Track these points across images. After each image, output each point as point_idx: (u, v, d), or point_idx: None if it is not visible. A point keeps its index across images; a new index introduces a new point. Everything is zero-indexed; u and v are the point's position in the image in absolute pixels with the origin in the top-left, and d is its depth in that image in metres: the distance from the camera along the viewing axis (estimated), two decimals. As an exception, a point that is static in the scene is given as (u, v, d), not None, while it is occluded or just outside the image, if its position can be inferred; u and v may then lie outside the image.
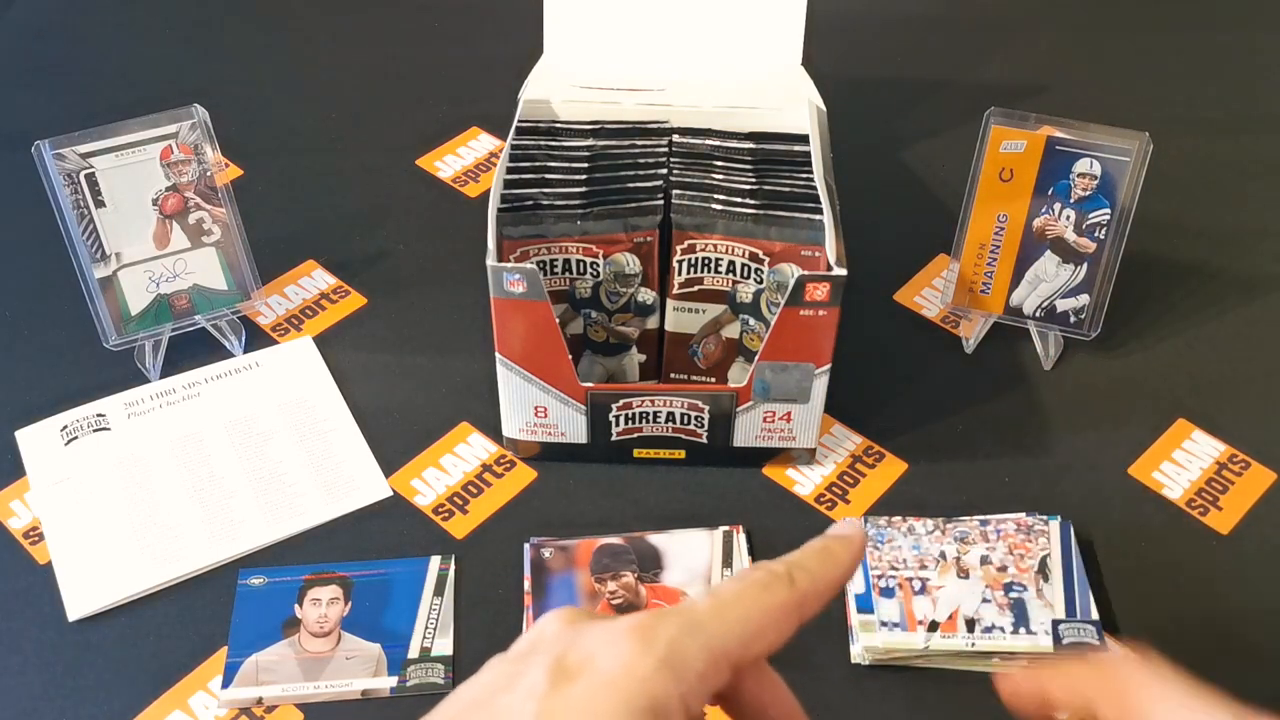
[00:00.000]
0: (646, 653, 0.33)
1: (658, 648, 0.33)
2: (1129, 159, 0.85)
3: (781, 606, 0.35)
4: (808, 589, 0.36)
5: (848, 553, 0.38)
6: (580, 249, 0.83)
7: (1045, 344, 0.93)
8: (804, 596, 0.36)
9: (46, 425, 0.87)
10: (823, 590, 0.37)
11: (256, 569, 0.79)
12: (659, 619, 0.34)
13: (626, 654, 0.33)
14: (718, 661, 0.33)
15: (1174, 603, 0.78)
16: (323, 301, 0.97)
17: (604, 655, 0.33)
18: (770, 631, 0.35)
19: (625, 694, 0.32)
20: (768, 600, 0.35)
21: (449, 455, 0.87)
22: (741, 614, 0.35)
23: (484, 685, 0.34)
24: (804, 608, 0.36)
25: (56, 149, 0.84)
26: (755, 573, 0.36)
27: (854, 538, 0.38)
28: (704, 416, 0.82)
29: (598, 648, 0.33)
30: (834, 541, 0.38)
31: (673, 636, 0.33)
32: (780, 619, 0.35)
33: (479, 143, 1.12)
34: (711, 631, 0.34)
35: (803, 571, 0.36)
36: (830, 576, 0.37)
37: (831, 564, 0.37)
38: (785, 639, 0.36)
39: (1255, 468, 0.86)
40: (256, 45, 1.23)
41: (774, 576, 0.36)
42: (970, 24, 1.27)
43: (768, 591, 0.35)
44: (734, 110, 0.87)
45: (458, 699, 0.34)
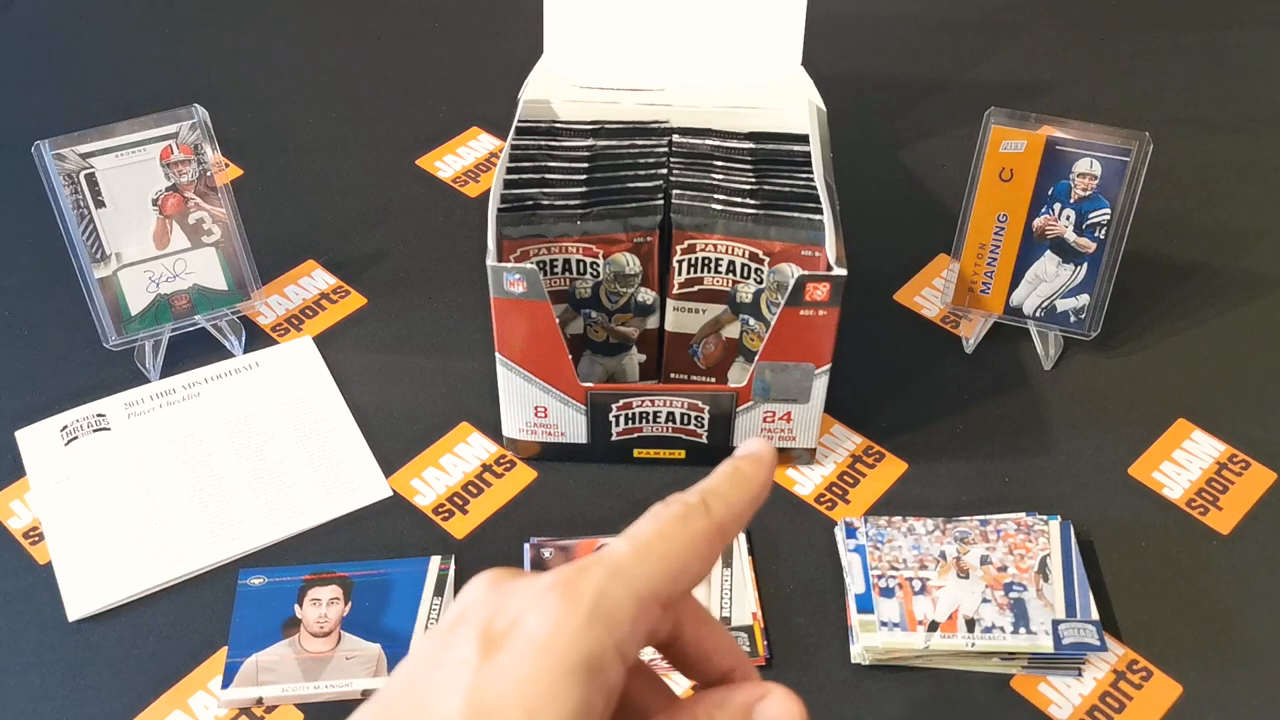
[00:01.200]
0: (574, 608, 0.32)
1: (584, 600, 0.32)
2: (1129, 159, 0.85)
3: (701, 536, 0.35)
4: (724, 514, 0.35)
5: (760, 471, 0.37)
6: (580, 249, 0.83)
7: (1045, 344, 0.93)
8: (721, 522, 0.35)
9: (46, 425, 0.87)
10: (739, 513, 0.36)
11: (256, 569, 0.79)
12: (582, 570, 0.33)
13: (554, 612, 0.32)
14: (647, 604, 0.33)
15: (1174, 603, 0.78)
16: (323, 301, 0.97)
17: (531, 616, 0.32)
18: (694, 563, 0.34)
19: (557, 654, 0.31)
20: (687, 532, 0.35)
21: (449, 455, 0.87)
22: (663, 551, 0.34)
23: (416, 662, 0.33)
24: (723, 534, 0.35)
25: (56, 149, 0.84)
26: (670, 507, 0.35)
27: (763, 455, 0.38)
28: (704, 416, 0.82)
29: (524, 610, 0.32)
30: (744, 462, 0.37)
31: (598, 586, 0.32)
32: (702, 549, 0.35)
33: (479, 143, 1.12)
34: (636, 574, 0.33)
35: (717, 497, 0.36)
36: (744, 497, 0.36)
37: (744, 485, 0.37)
38: (709, 568, 0.35)
39: (1255, 468, 0.86)
40: (256, 45, 1.23)
41: (689, 508, 0.35)
42: (970, 24, 1.27)
43: (685, 523, 0.35)
44: (734, 110, 0.87)
45: (393, 680, 0.33)
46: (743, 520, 0.36)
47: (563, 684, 0.31)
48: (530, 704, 0.31)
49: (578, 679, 0.31)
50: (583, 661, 0.31)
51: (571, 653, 0.31)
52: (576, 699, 0.31)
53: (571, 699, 0.31)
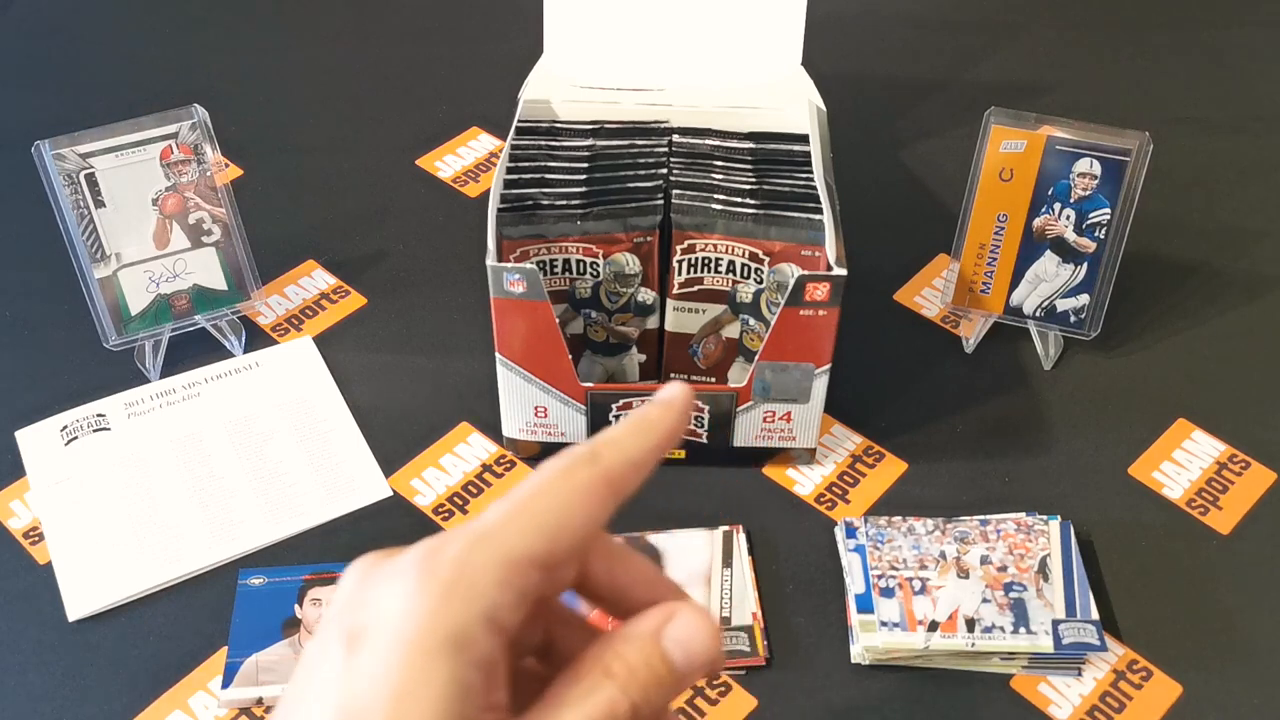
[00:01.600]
0: (429, 583, 0.31)
1: (441, 573, 0.31)
2: (1129, 159, 0.85)
3: (585, 487, 0.33)
4: (615, 462, 0.34)
5: (666, 416, 0.35)
6: (580, 249, 0.83)
7: (1045, 344, 0.93)
8: (610, 471, 0.34)
9: (46, 425, 0.87)
10: (637, 458, 0.34)
11: (256, 569, 0.79)
12: (445, 540, 0.32)
13: (410, 592, 0.31)
14: (518, 567, 0.31)
15: (1174, 603, 0.78)
16: (323, 301, 0.97)
17: (388, 603, 0.31)
18: (576, 516, 0.33)
19: (417, 638, 0.30)
20: (567, 485, 0.33)
21: (449, 455, 0.87)
22: (538, 509, 0.33)
23: (298, 673, 0.32)
24: (615, 483, 0.34)
25: (56, 149, 0.84)
26: (556, 460, 0.34)
27: (674, 399, 0.36)
28: (704, 416, 0.82)
29: (383, 596, 0.31)
30: (653, 407, 0.36)
31: (456, 555, 0.31)
32: (585, 501, 0.33)
33: (479, 143, 1.12)
34: (502, 538, 0.32)
35: (610, 445, 0.34)
36: (645, 443, 0.35)
37: (646, 431, 0.35)
38: (599, 520, 0.33)
39: (1255, 468, 0.86)
40: (256, 45, 1.23)
41: (574, 459, 0.34)
42: (970, 24, 1.27)
43: (566, 477, 0.33)
44: (734, 110, 0.87)
45: (287, 689, 0.33)
46: (642, 466, 0.35)
47: (426, 669, 0.30)
48: (396, 698, 0.29)
49: (443, 659, 0.30)
50: (446, 640, 0.30)
51: (431, 633, 0.30)
52: (444, 681, 0.30)
53: (438, 682, 0.30)
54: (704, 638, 0.34)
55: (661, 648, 0.34)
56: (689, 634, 0.34)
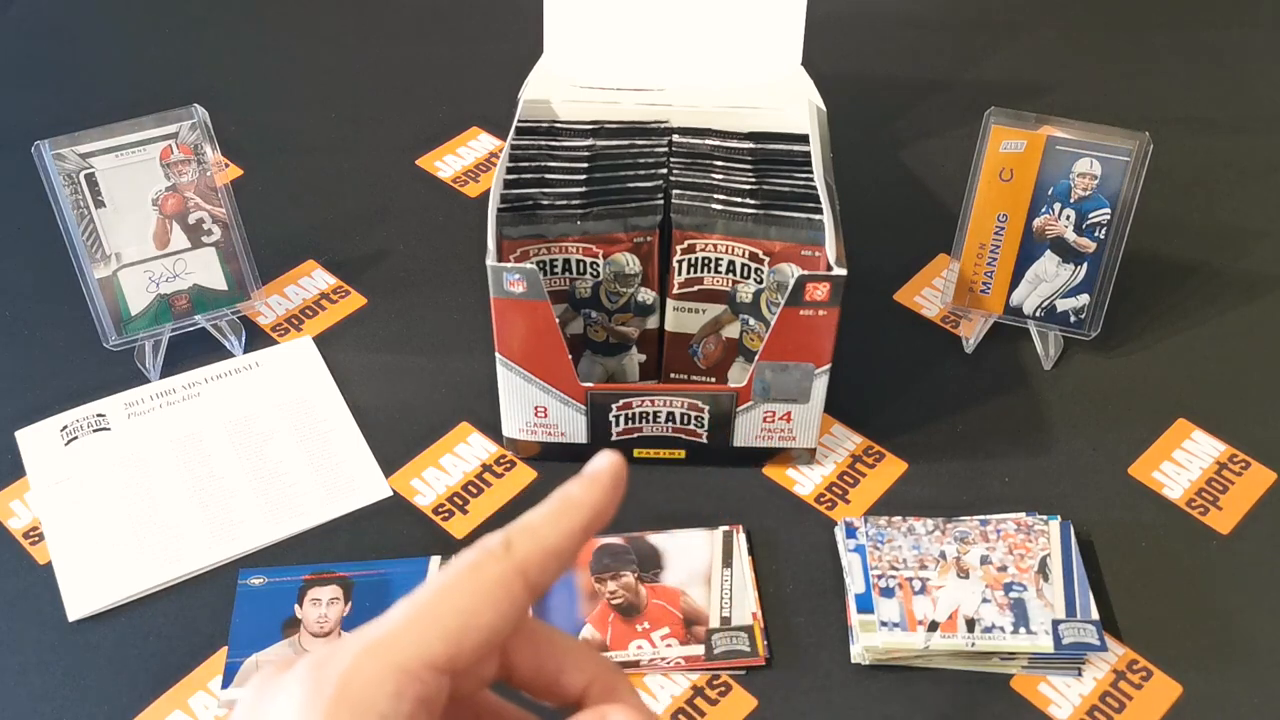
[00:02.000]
0: (315, 700, 0.29)
1: (327, 688, 0.29)
2: (1129, 159, 0.85)
3: (495, 583, 0.32)
4: (529, 552, 0.32)
5: (592, 493, 0.34)
6: (580, 249, 0.83)
7: (1045, 344, 0.93)
8: (524, 563, 0.32)
9: (46, 425, 0.87)
10: (555, 546, 0.33)
11: (256, 569, 0.79)
12: (336, 650, 0.31)
13: (295, 711, 0.29)
14: (414, 675, 0.30)
15: (1174, 603, 0.78)
16: (323, 301, 0.97)
17: (278, 718, 0.30)
18: (483, 616, 0.31)
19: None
20: (474, 583, 0.32)
21: (449, 455, 0.87)
22: (440, 610, 0.31)
23: None
24: (530, 574, 0.32)
25: (56, 149, 0.84)
26: (465, 554, 0.32)
27: (599, 474, 0.34)
28: (704, 416, 0.82)
29: (276, 711, 0.30)
30: (576, 484, 0.34)
31: (346, 668, 0.30)
32: (496, 598, 0.31)
33: (479, 143, 1.12)
34: (397, 645, 0.30)
35: (525, 535, 0.33)
36: (566, 528, 0.33)
37: (567, 514, 0.33)
38: (513, 615, 0.32)
39: (1255, 468, 0.86)
40: (256, 45, 1.23)
41: (485, 553, 0.32)
42: (970, 24, 1.27)
43: (474, 573, 0.32)
44: (734, 110, 0.87)
45: None
46: (562, 554, 0.33)
47: None
48: None
49: None
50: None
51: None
52: None
53: None
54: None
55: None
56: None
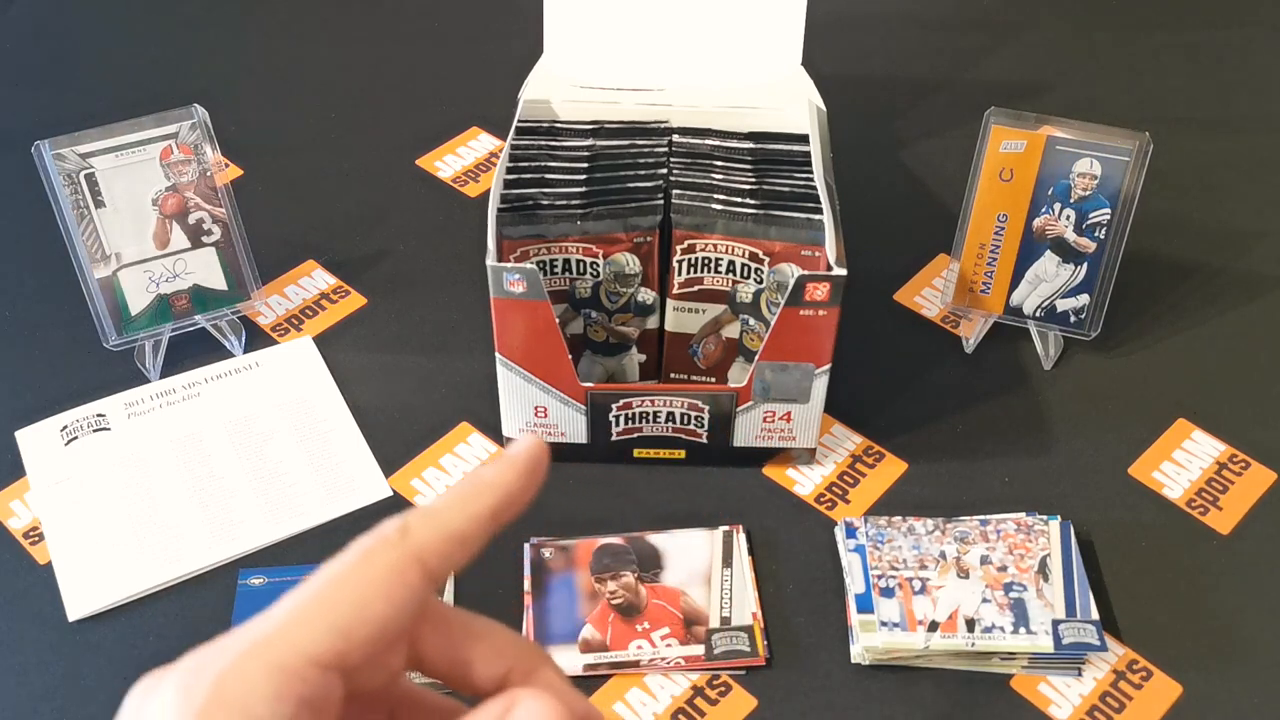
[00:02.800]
0: (186, 705, 0.28)
1: (198, 695, 0.28)
2: (1129, 159, 0.85)
3: (388, 571, 0.30)
4: (428, 538, 0.31)
5: (504, 476, 0.32)
6: (580, 249, 0.83)
7: (1045, 344, 0.93)
8: (421, 549, 0.30)
9: (46, 425, 0.87)
10: (458, 530, 0.31)
11: (256, 569, 0.79)
12: (212, 654, 0.29)
13: (170, 714, 0.28)
14: (297, 673, 0.28)
15: (1174, 603, 0.78)
16: (323, 301, 0.97)
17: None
18: (375, 607, 0.29)
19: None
20: (364, 574, 0.30)
21: (449, 455, 0.87)
22: (326, 603, 0.29)
23: None
24: (428, 560, 0.30)
25: (56, 149, 0.84)
26: (361, 540, 0.31)
27: (515, 457, 0.32)
28: (704, 416, 0.82)
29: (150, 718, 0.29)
30: (488, 467, 0.32)
31: (219, 672, 0.28)
32: (389, 586, 0.30)
33: (479, 143, 1.12)
34: (278, 644, 0.29)
35: (425, 519, 0.31)
36: (471, 512, 0.31)
37: (474, 497, 0.31)
38: (409, 603, 0.30)
39: (1255, 468, 0.86)
40: (256, 45, 1.23)
41: (379, 538, 0.31)
42: (970, 24, 1.27)
43: (365, 562, 0.30)
44: (734, 110, 0.87)
45: None
46: (465, 539, 0.31)
47: None
48: None
49: None
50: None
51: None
52: None
53: None
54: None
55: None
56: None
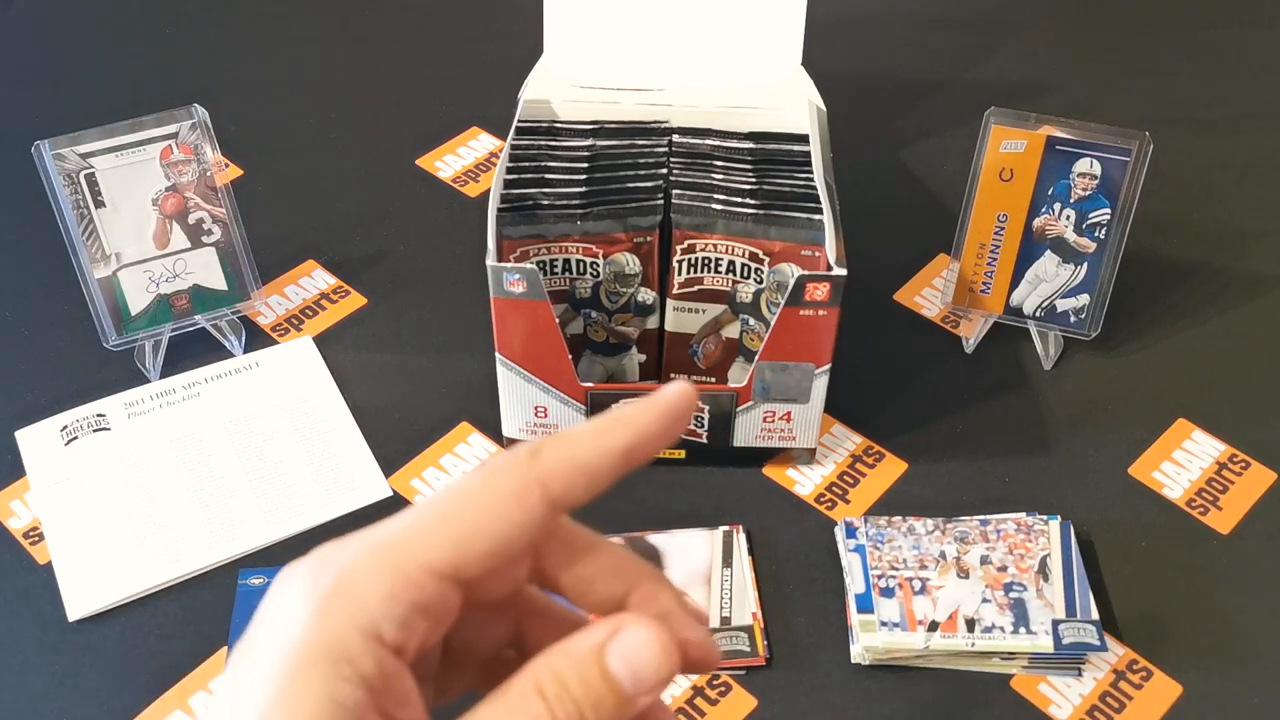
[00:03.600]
0: (311, 594, 0.29)
1: (323, 584, 0.29)
2: (1129, 159, 0.85)
3: (511, 491, 0.30)
4: (556, 463, 0.31)
5: (645, 417, 0.32)
6: (580, 249, 0.83)
7: (1045, 344, 0.93)
8: (547, 473, 0.31)
9: (46, 425, 0.87)
10: (587, 461, 0.31)
11: (256, 569, 0.79)
12: (339, 547, 0.30)
13: (293, 602, 0.29)
14: (411, 578, 0.29)
15: (1174, 603, 0.78)
16: (323, 301, 0.97)
17: (275, 611, 0.29)
18: (493, 524, 0.30)
19: (288, 652, 0.28)
20: (489, 490, 0.30)
21: (449, 455, 0.87)
22: (447, 515, 0.30)
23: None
24: (550, 486, 0.31)
25: (56, 149, 0.84)
26: (495, 458, 0.32)
27: (658, 401, 0.32)
28: (704, 416, 0.82)
29: (275, 604, 0.30)
30: (633, 405, 0.32)
31: (342, 566, 0.29)
32: (509, 506, 0.30)
33: (479, 143, 1.12)
34: (397, 548, 0.30)
35: (558, 444, 0.31)
36: (604, 445, 0.31)
37: (611, 431, 0.31)
38: (527, 525, 0.31)
39: (1255, 468, 0.86)
40: (256, 45, 1.23)
41: (510, 457, 0.31)
42: (970, 24, 1.27)
43: (492, 478, 0.31)
44: (734, 110, 0.87)
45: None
46: (592, 471, 0.31)
47: (297, 684, 0.28)
48: (262, 713, 0.28)
49: (316, 674, 0.28)
50: (321, 654, 0.28)
51: (306, 646, 0.29)
52: (317, 697, 0.28)
53: (311, 698, 0.28)
54: (652, 655, 0.31)
55: (603, 666, 0.30)
56: (636, 651, 0.31)
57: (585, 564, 0.33)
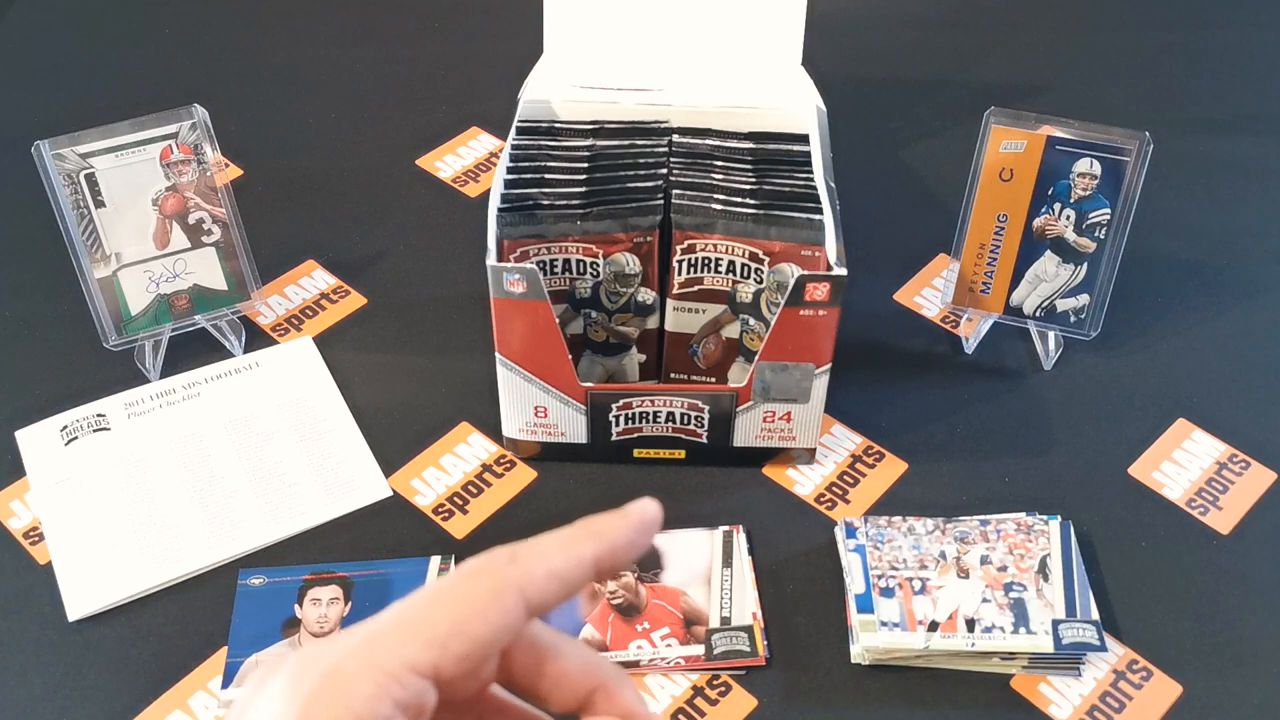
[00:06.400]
0: (295, 695, 0.30)
1: (307, 684, 0.30)
2: (1129, 159, 0.85)
3: (490, 594, 0.32)
4: (532, 570, 0.32)
5: (615, 529, 0.33)
6: (580, 249, 0.83)
7: (1045, 344, 0.93)
8: (524, 578, 0.32)
9: (46, 425, 0.87)
10: (561, 569, 0.32)
11: (256, 569, 0.79)
12: (327, 646, 0.31)
13: (277, 703, 0.30)
14: (396, 677, 0.30)
15: (1174, 603, 0.78)
16: (323, 301, 0.97)
17: (263, 711, 0.30)
18: (474, 625, 0.31)
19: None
20: (469, 592, 0.32)
21: (449, 455, 0.87)
22: (430, 615, 0.31)
23: None
24: (528, 590, 0.32)
25: (56, 149, 0.84)
26: (470, 562, 0.33)
27: (631, 513, 0.34)
28: (704, 416, 0.82)
29: (263, 703, 0.30)
30: (605, 517, 0.34)
31: (328, 666, 0.30)
32: (489, 608, 0.31)
33: (479, 143, 1.12)
34: (383, 647, 0.31)
35: (532, 551, 0.33)
36: (576, 555, 0.33)
37: (583, 541, 0.33)
38: (506, 627, 0.32)
39: (1255, 468, 0.86)
40: (256, 45, 1.23)
41: (487, 561, 0.32)
42: (970, 24, 1.27)
43: (472, 580, 0.32)
44: (734, 110, 0.87)
45: None
46: (566, 579, 0.33)
47: None
48: None
49: None
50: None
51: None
52: None
53: None
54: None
55: None
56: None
57: (552, 664, 0.34)
